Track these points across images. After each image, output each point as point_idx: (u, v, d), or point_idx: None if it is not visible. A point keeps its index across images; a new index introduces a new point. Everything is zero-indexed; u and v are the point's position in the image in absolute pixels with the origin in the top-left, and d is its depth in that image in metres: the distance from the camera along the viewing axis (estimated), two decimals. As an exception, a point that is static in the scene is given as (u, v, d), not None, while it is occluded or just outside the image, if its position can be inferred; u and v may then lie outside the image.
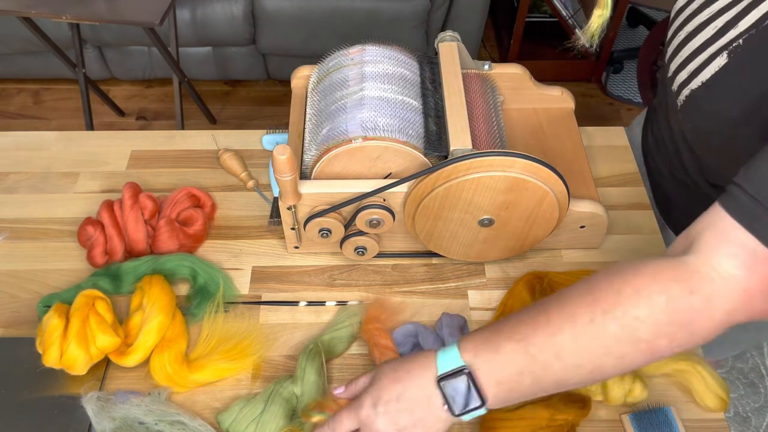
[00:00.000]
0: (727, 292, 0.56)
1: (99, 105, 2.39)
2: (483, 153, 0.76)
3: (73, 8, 1.72)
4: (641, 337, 0.57)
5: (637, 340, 0.57)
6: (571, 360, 0.59)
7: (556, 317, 0.59)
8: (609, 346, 0.58)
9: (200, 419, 0.76)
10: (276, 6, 2.17)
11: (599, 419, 0.78)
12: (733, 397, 1.74)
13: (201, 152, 1.09)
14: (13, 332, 0.86)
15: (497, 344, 0.61)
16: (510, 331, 0.61)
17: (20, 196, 1.02)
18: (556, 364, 0.59)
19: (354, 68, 0.89)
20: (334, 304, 0.89)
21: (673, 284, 0.57)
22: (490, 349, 0.62)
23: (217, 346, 0.83)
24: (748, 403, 1.71)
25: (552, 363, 0.59)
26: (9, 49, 2.31)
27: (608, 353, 0.58)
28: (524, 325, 0.61)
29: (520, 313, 0.63)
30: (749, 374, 1.76)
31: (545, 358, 0.59)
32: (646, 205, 1.00)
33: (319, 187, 0.83)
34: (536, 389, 0.62)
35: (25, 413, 0.78)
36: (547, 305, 0.61)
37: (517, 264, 0.93)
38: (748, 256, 0.55)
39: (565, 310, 0.59)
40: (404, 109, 0.85)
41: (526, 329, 0.61)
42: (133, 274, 0.88)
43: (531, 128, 1.01)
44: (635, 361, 0.59)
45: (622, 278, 0.59)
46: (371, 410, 0.64)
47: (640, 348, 0.58)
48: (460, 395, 0.62)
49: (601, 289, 0.59)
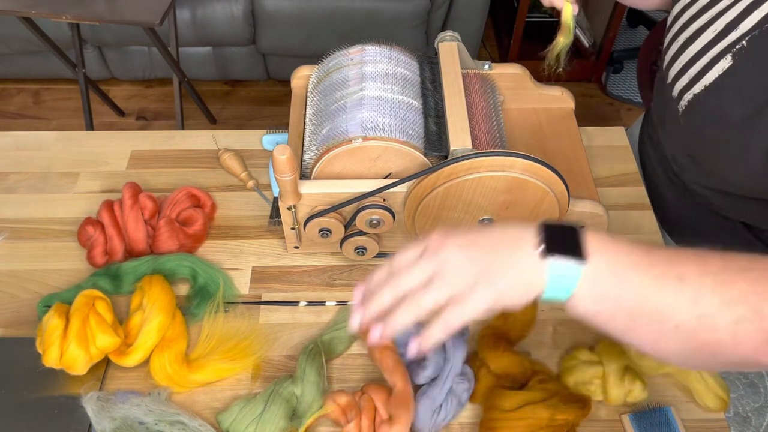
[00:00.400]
0: None
1: (99, 105, 2.39)
2: (483, 153, 0.76)
3: (73, 8, 1.72)
4: (766, 310, 0.49)
5: (762, 313, 0.49)
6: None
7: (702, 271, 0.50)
8: (733, 297, 0.49)
9: (200, 419, 0.76)
10: (276, 6, 2.17)
11: (599, 419, 0.78)
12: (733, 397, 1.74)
13: (201, 152, 1.09)
14: (13, 332, 0.86)
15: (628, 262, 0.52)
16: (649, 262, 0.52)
17: (20, 196, 1.02)
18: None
19: (354, 68, 0.89)
20: (334, 304, 0.89)
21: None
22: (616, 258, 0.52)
23: (217, 346, 0.83)
24: (748, 403, 1.71)
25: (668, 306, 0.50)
26: (9, 49, 2.31)
27: (730, 307, 0.49)
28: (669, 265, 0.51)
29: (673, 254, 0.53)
30: (749, 374, 1.76)
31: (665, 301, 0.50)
32: (646, 205, 1.00)
33: (319, 187, 0.83)
34: (628, 310, 0.51)
35: (25, 413, 0.78)
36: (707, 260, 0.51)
37: (517, 264, 0.93)
38: None
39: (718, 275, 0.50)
40: (404, 109, 0.85)
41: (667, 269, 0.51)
42: (133, 274, 0.88)
43: (531, 128, 1.01)
44: (749, 338, 0.49)
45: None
46: (443, 238, 0.54)
47: (762, 326, 0.49)
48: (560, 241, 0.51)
49: (745, 261, 0.51)
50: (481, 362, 0.80)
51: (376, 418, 0.75)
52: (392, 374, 0.76)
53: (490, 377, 0.79)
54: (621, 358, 0.77)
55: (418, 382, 0.77)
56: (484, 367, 0.80)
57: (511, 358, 0.78)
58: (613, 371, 0.77)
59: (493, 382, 0.79)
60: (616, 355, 0.78)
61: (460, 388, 0.76)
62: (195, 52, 2.35)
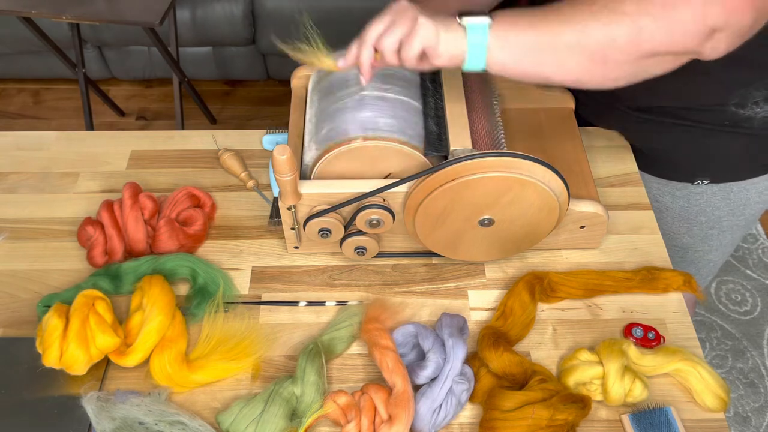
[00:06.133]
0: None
1: (99, 105, 2.39)
2: (483, 153, 0.76)
3: (73, 8, 1.72)
4: (626, 10, 0.66)
5: (623, 13, 0.66)
6: (568, 28, 0.68)
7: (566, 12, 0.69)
8: (595, 12, 0.67)
9: (200, 419, 0.76)
10: (276, 6, 2.17)
11: (599, 419, 0.78)
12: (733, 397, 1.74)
13: (201, 152, 1.09)
14: (13, 332, 0.86)
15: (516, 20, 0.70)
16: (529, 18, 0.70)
17: (20, 196, 1.02)
18: (557, 28, 0.68)
19: (354, 68, 0.88)
20: (334, 304, 0.89)
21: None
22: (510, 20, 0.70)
23: (217, 346, 0.82)
24: (748, 403, 1.71)
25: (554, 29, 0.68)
26: (9, 49, 2.31)
27: (596, 18, 0.67)
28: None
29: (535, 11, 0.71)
30: (749, 374, 1.76)
31: (550, 28, 0.68)
32: (646, 205, 1.00)
33: (319, 187, 0.83)
34: (533, 42, 0.69)
35: (25, 413, 0.78)
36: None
37: (517, 264, 0.93)
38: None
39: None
40: (404, 109, 0.85)
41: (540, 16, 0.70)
42: (133, 274, 0.88)
43: (531, 128, 1.01)
44: (620, 33, 0.67)
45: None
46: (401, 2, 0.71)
47: (625, 22, 0.66)
48: None
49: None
50: (481, 362, 0.80)
51: (376, 418, 0.75)
52: (392, 374, 0.76)
53: (490, 377, 0.79)
54: (621, 358, 0.77)
55: (418, 382, 0.77)
56: (484, 367, 0.80)
57: (511, 358, 0.78)
58: (613, 371, 0.77)
59: (493, 382, 0.79)
60: (616, 355, 0.78)
61: (460, 388, 0.76)
62: (195, 52, 2.35)
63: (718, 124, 0.92)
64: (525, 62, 0.70)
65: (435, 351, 0.78)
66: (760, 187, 1.01)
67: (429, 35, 0.69)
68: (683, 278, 0.89)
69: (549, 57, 0.69)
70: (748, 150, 0.95)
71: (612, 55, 0.68)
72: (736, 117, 0.90)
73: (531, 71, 0.71)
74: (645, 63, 0.70)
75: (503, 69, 0.71)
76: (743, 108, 0.89)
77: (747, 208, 1.04)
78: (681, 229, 1.08)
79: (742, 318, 1.88)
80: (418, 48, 0.70)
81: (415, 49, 0.70)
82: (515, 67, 0.71)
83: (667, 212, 1.07)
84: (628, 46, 0.67)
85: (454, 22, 0.70)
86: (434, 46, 0.70)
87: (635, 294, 0.90)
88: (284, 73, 2.45)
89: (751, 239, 2.08)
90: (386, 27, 0.71)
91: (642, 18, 0.66)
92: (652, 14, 0.66)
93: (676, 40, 0.67)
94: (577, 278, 0.88)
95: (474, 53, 0.70)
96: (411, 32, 0.69)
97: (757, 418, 1.68)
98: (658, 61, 0.71)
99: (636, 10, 0.66)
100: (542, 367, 0.80)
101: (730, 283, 1.96)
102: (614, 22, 0.67)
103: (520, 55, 0.70)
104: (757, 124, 0.91)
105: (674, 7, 0.65)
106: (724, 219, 1.05)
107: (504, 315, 0.85)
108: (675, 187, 1.03)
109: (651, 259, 0.94)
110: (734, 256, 2.03)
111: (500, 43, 0.69)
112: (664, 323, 0.87)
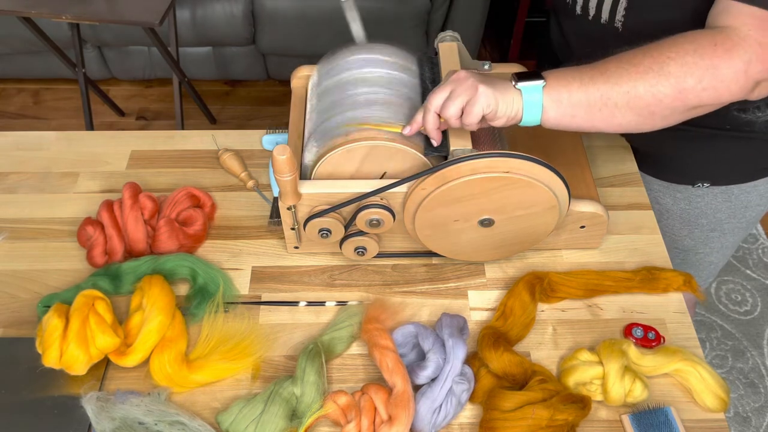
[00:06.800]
0: (745, 46, 0.70)
1: (99, 105, 2.39)
2: (483, 154, 0.76)
3: (73, 8, 1.72)
4: (671, 71, 0.70)
5: (668, 74, 0.70)
6: (615, 81, 0.73)
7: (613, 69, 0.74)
8: (642, 73, 0.71)
9: (200, 419, 0.76)
10: (276, 6, 2.17)
11: (599, 419, 0.78)
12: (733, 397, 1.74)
13: (201, 152, 1.09)
14: (13, 332, 0.86)
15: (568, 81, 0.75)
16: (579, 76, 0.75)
17: (20, 196, 1.02)
18: (603, 84, 0.73)
19: (354, 68, 0.89)
20: (334, 304, 0.89)
21: (700, 36, 0.71)
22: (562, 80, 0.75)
23: (216, 346, 0.82)
24: (748, 403, 1.71)
25: (600, 84, 0.73)
26: (9, 49, 2.31)
27: (643, 79, 0.71)
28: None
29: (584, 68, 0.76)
30: (749, 374, 1.76)
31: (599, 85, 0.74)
32: (647, 205, 1.00)
33: (319, 187, 0.83)
34: (584, 99, 0.74)
35: (25, 413, 0.78)
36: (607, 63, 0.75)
37: (517, 264, 0.93)
38: (759, 22, 0.70)
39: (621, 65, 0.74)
40: (405, 109, 0.85)
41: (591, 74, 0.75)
42: (133, 274, 0.88)
43: (531, 128, 1.01)
44: (666, 93, 0.71)
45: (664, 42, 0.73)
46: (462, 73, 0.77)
47: (670, 82, 0.70)
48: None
49: (646, 52, 0.73)
50: (481, 362, 0.80)
51: (376, 419, 0.75)
52: (392, 374, 0.76)
53: (490, 377, 0.79)
54: (621, 358, 0.77)
55: (418, 382, 0.77)
56: (484, 367, 0.80)
57: (511, 358, 0.78)
58: (613, 371, 0.77)
59: (493, 383, 0.79)
60: (616, 355, 0.77)
61: (459, 388, 0.76)
62: (195, 52, 2.35)
63: (720, 128, 0.92)
64: (577, 119, 0.75)
65: (435, 351, 0.78)
66: (761, 189, 1.01)
67: (489, 102, 0.74)
68: (683, 278, 0.89)
69: (599, 114, 0.74)
70: (749, 154, 0.95)
71: (659, 111, 0.73)
72: (738, 121, 0.90)
73: (584, 125, 0.76)
74: (693, 112, 0.75)
75: (558, 124, 0.76)
76: (745, 112, 0.89)
77: (748, 211, 1.04)
78: (682, 231, 1.08)
79: (742, 318, 1.88)
80: (479, 115, 0.74)
81: (476, 116, 0.75)
82: (569, 123, 0.76)
83: (668, 214, 1.07)
84: (675, 102, 0.72)
85: (510, 86, 0.75)
86: (494, 110, 0.74)
87: (635, 294, 0.90)
88: (284, 73, 2.45)
89: (752, 239, 2.08)
90: (448, 96, 0.76)
91: (687, 79, 0.70)
92: (697, 75, 0.70)
93: (721, 95, 0.72)
94: (577, 278, 0.88)
95: (530, 112, 0.75)
96: (472, 100, 0.74)
97: (757, 418, 1.68)
98: (704, 109, 0.75)
99: (681, 72, 0.70)
100: (542, 367, 0.80)
101: (730, 283, 1.96)
102: (660, 84, 0.71)
103: (573, 112, 0.74)
104: (759, 127, 0.91)
105: (717, 68, 0.70)
106: (725, 221, 1.05)
107: (504, 315, 0.85)
108: (676, 190, 1.03)
109: (651, 259, 0.94)
110: (734, 257, 2.03)
111: (554, 104, 0.74)
112: (664, 323, 0.87)
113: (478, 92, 0.74)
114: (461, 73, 0.76)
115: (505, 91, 0.75)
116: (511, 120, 0.76)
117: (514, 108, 0.75)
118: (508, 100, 0.74)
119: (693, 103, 0.72)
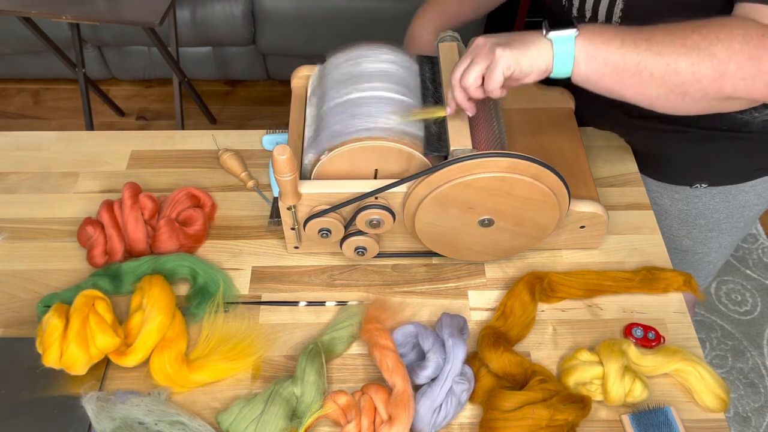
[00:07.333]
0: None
1: (99, 105, 2.39)
2: (483, 154, 0.76)
3: (73, 8, 1.72)
4: (716, 53, 0.68)
5: (713, 55, 0.68)
6: (658, 49, 0.70)
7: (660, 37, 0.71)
8: (688, 48, 0.69)
9: (200, 419, 0.76)
10: (276, 6, 2.17)
11: (599, 419, 0.78)
12: (733, 397, 1.74)
13: (201, 152, 1.09)
14: (13, 332, 0.86)
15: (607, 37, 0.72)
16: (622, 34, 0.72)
17: (20, 196, 1.02)
18: (645, 49, 0.70)
19: (354, 68, 0.89)
20: (334, 304, 0.89)
21: (749, 24, 0.69)
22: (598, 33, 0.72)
23: (217, 346, 0.83)
24: (748, 403, 1.71)
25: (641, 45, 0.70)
26: (9, 49, 2.31)
27: (687, 55, 0.69)
28: None
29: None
30: (749, 374, 1.76)
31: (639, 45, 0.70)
32: (646, 205, 1.00)
33: (319, 187, 0.83)
34: (619, 61, 0.70)
35: (25, 413, 0.78)
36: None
37: (517, 264, 0.93)
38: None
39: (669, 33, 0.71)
40: (404, 108, 0.85)
41: None
42: (133, 274, 0.88)
43: (531, 128, 1.01)
44: (706, 74, 0.69)
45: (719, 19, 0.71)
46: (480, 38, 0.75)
47: (714, 63, 0.68)
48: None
49: (695, 28, 0.70)
50: (481, 362, 0.80)
51: (376, 419, 0.75)
52: (392, 374, 0.76)
53: (490, 377, 0.79)
54: (621, 358, 0.77)
55: (418, 382, 0.77)
56: (484, 367, 0.80)
57: (511, 358, 0.78)
58: (613, 371, 0.77)
59: (493, 383, 0.79)
60: (616, 356, 0.78)
61: (459, 388, 0.76)
62: (195, 52, 2.35)
63: (717, 128, 0.92)
64: (608, 79, 0.72)
65: (435, 351, 0.78)
66: (758, 189, 1.01)
67: (509, 64, 0.72)
68: (683, 278, 0.89)
69: (630, 80, 0.71)
70: (746, 154, 0.96)
71: (692, 92, 0.71)
72: (735, 121, 0.90)
73: (612, 88, 0.73)
74: (721, 104, 0.73)
75: (586, 81, 0.73)
76: (741, 112, 0.89)
77: (746, 210, 1.04)
78: (680, 231, 1.08)
79: (742, 318, 1.88)
80: (500, 78, 0.73)
81: (497, 81, 0.73)
82: (596, 81, 0.73)
83: (666, 215, 1.07)
84: (712, 86, 0.70)
85: (537, 39, 0.72)
86: (518, 70, 0.72)
87: (635, 294, 0.90)
88: (284, 73, 2.45)
89: (751, 239, 2.08)
90: (466, 66, 0.75)
91: (730, 64, 0.68)
92: (739, 62, 0.68)
93: (758, 89, 0.70)
94: (577, 278, 0.89)
95: (560, 63, 0.72)
96: (491, 65, 0.72)
97: (757, 418, 1.68)
98: (732, 103, 0.74)
99: (726, 56, 0.68)
100: (542, 367, 0.80)
101: (730, 283, 1.96)
102: (703, 63, 0.68)
103: (604, 71, 0.72)
104: (756, 128, 0.91)
105: (759, 59, 0.68)
106: (723, 221, 1.05)
107: (504, 315, 0.85)
108: (674, 190, 1.03)
109: (651, 259, 0.94)
110: (734, 256, 2.03)
111: (588, 58, 0.71)
112: (664, 323, 0.87)
113: (496, 56, 0.72)
114: (479, 40, 0.75)
115: (528, 46, 0.72)
116: (543, 73, 0.73)
117: (544, 60, 0.72)
118: (533, 55, 0.72)
119: (728, 92, 0.70)
